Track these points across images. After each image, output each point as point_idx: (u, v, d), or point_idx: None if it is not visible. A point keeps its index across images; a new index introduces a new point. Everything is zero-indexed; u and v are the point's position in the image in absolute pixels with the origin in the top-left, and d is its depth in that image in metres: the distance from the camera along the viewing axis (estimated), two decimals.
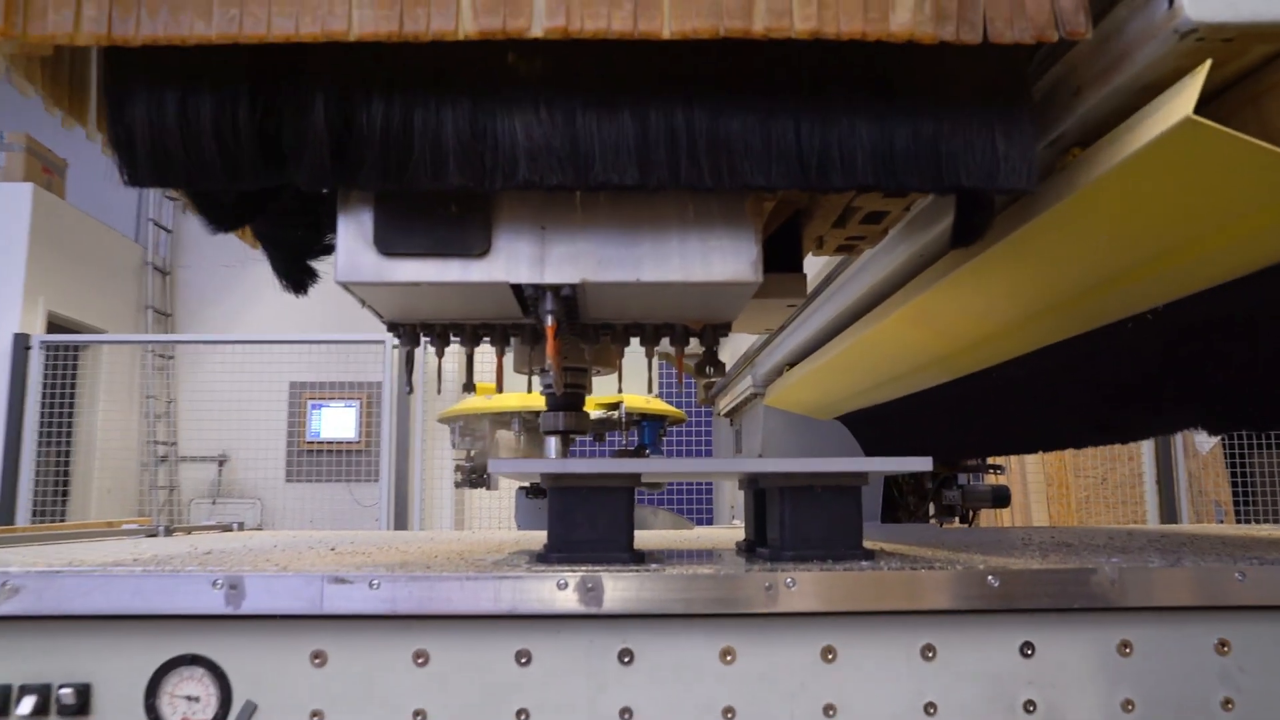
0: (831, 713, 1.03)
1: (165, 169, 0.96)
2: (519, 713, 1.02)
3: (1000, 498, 3.38)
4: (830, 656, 1.04)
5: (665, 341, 1.37)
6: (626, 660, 1.03)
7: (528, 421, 3.84)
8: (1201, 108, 0.85)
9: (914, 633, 1.05)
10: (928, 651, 1.05)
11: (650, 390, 1.47)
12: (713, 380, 3.87)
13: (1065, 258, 1.18)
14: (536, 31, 0.88)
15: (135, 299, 8.74)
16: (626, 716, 1.02)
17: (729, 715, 1.03)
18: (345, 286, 1.09)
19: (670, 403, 4.15)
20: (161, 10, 0.88)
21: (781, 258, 1.35)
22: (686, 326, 1.30)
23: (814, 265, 2.01)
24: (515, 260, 1.08)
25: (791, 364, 2.56)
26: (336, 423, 8.45)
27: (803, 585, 1.02)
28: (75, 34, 0.87)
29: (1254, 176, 0.90)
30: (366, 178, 0.97)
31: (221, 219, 1.17)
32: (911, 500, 3.29)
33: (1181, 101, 0.86)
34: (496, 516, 7.27)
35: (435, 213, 1.06)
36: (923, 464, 1.16)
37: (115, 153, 0.97)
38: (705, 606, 1.02)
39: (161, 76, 0.94)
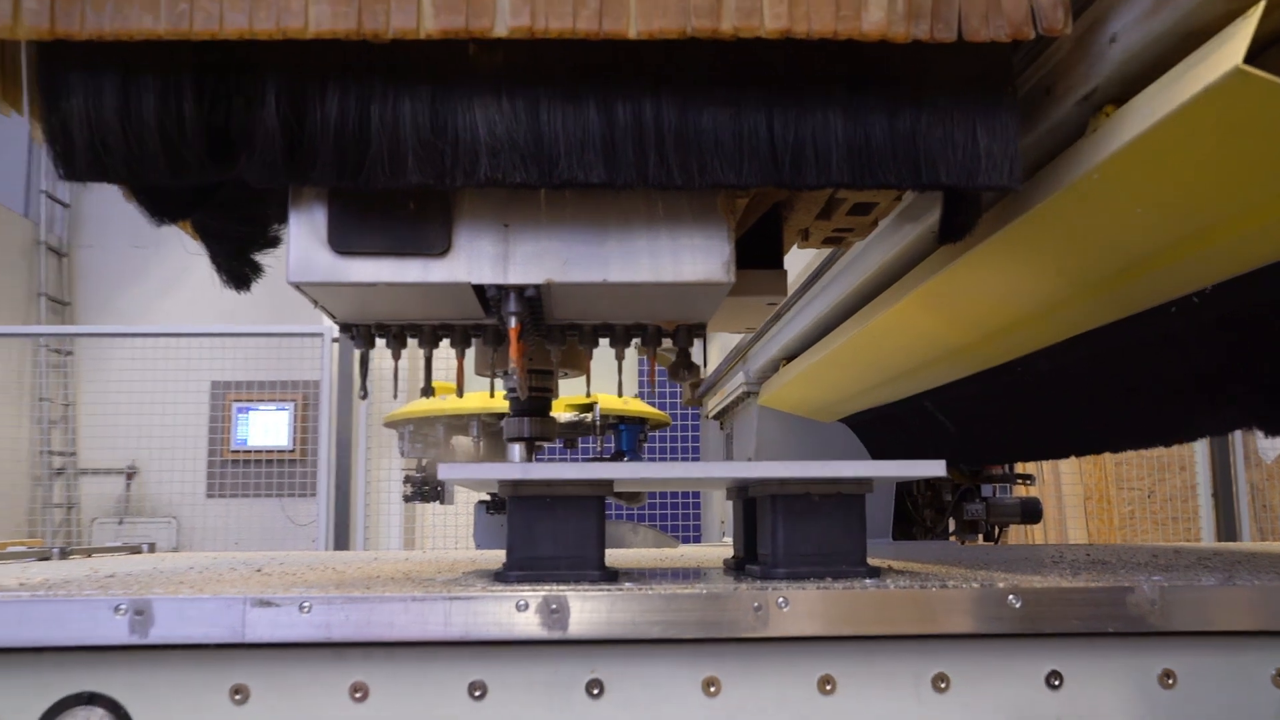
0: None
1: (105, 163, 1.03)
2: None
3: (1030, 512, 3.41)
4: (828, 687, 1.05)
5: (636, 343, 1.44)
6: (596, 692, 1.04)
7: (488, 425, 3.84)
8: (1254, 58, 0.86)
9: (924, 660, 1.06)
10: (940, 682, 1.06)
11: (621, 392, 1.52)
12: (699, 379, 3.89)
13: (1098, 230, 1.20)
14: (501, 31, 0.96)
15: (26, 284, 8.64)
16: None
17: None
18: (297, 287, 1.16)
19: (652, 404, 4.17)
20: (107, 4, 0.94)
21: (761, 253, 1.43)
22: (659, 327, 1.38)
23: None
24: (477, 260, 1.15)
25: (788, 358, 2.57)
26: (266, 428, 8.40)
27: (797, 605, 1.03)
28: (15, 27, 0.94)
29: None
30: (321, 175, 1.04)
31: (164, 209, 1.22)
32: (928, 515, 3.31)
33: (1230, 50, 0.87)
34: (453, 536, 7.26)
35: (393, 210, 1.13)
36: (935, 468, 1.17)
37: (50, 146, 1.02)
38: (686, 630, 1.03)
39: (100, 65, 1.00)
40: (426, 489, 4.29)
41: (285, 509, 8.10)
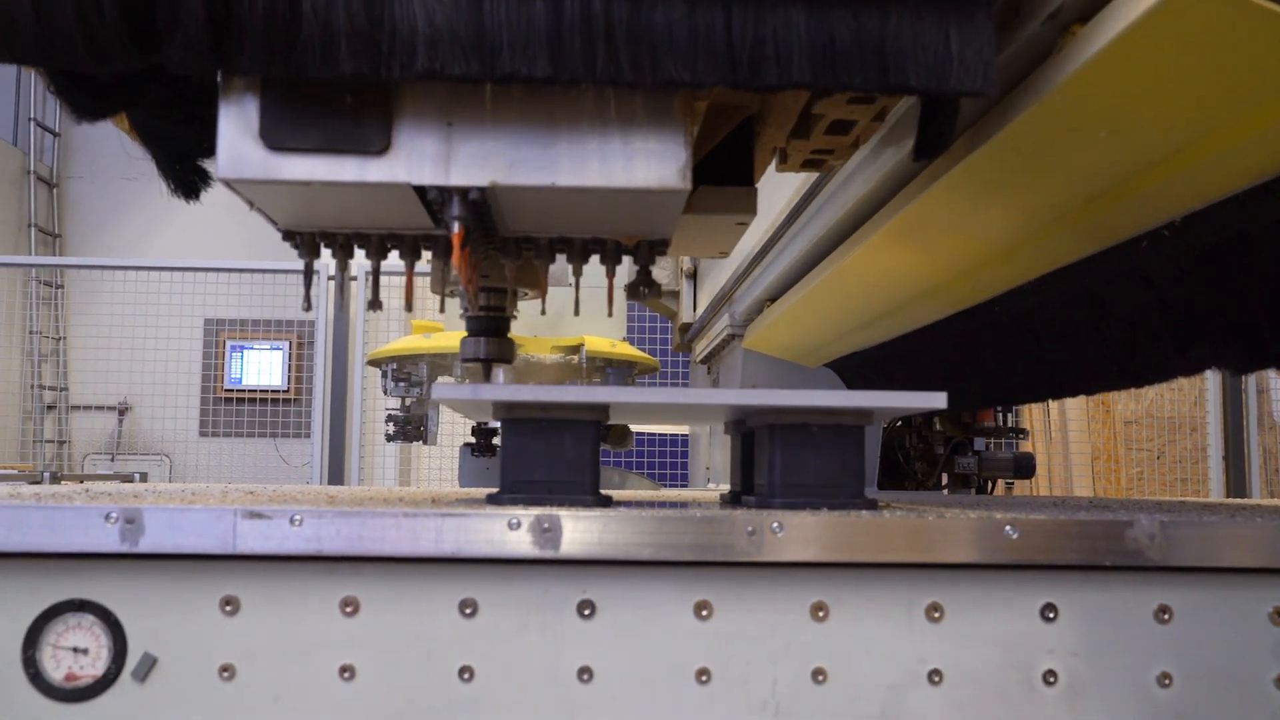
0: (821, 678, 1.06)
1: (14, 42, 0.96)
2: (462, 671, 1.05)
3: (1023, 467, 3.44)
4: (821, 614, 1.07)
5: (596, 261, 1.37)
6: (587, 613, 1.06)
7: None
8: None
9: (918, 589, 1.08)
10: (934, 611, 1.08)
11: (577, 313, 1.44)
12: (688, 322, 3.90)
13: (1065, 156, 1.18)
14: None
15: (15, 215, 8.62)
16: (585, 678, 1.05)
17: (703, 678, 1.06)
18: (228, 184, 1.12)
19: (641, 349, 4.17)
20: None
21: (730, 169, 1.38)
22: (619, 242, 1.33)
23: (794, 180, 2.01)
24: (417, 159, 1.09)
25: (772, 299, 2.56)
26: (261, 367, 8.43)
27: (792, 531, 1.05)
28: None
29: None
30: (249, 61, 0.99)
31: (88, 104, 1.16)
32: (920, 467, 3.34)
33: None
34: (450, 479, 7.32)
35: (329, 103, 1.07)
36: (936, 400, 1.18)
37: None
38: (678, 553, 1.04)
39: None
40: (409, 428, 4.30)
41: (279, 449, 8.15)
